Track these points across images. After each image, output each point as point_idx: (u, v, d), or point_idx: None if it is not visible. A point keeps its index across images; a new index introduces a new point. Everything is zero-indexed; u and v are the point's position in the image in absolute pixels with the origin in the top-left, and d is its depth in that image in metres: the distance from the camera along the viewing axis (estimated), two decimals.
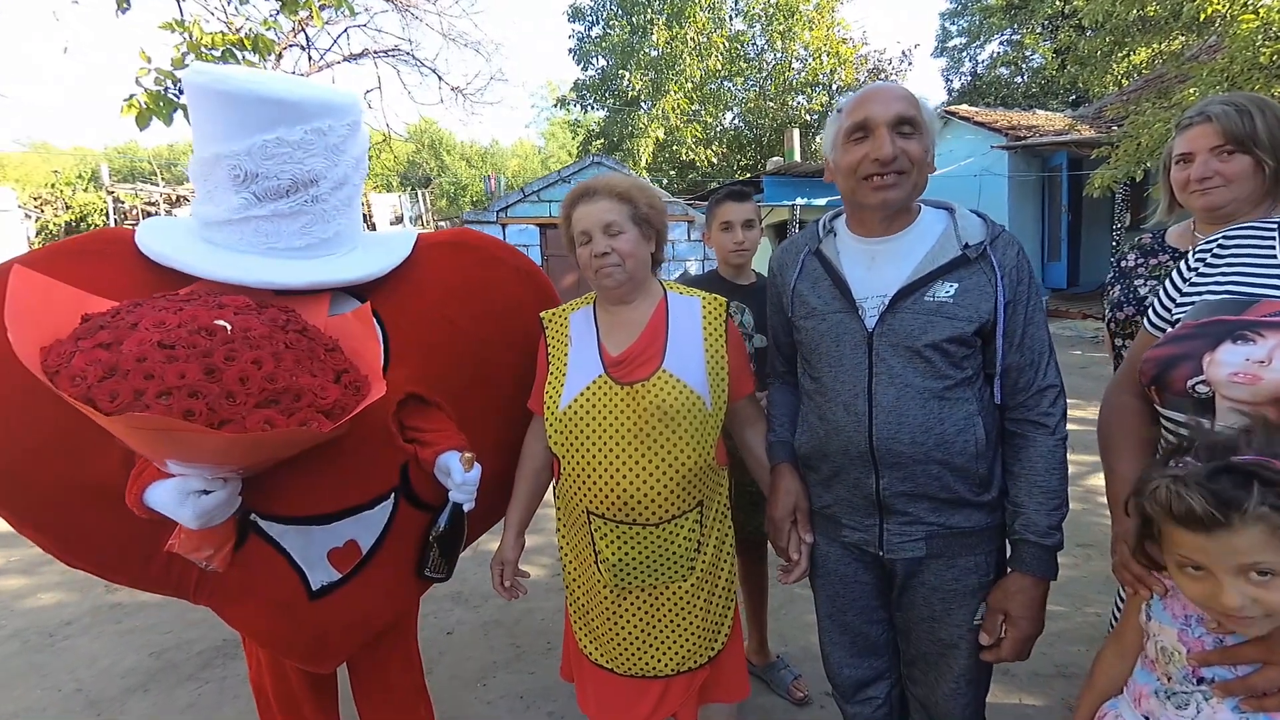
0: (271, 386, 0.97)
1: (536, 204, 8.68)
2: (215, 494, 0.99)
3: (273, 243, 1.17)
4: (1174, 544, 0.79)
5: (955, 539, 1.13)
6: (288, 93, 1.12)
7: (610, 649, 1.30)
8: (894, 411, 1.09)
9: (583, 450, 1.22)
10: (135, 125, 3.59)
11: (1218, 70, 4.67)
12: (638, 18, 16.74)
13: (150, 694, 2.11)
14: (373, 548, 1.24)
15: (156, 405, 0.88)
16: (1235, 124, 1.28)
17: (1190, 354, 0.89)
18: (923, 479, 1.10)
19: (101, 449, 1.06)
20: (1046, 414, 1.10)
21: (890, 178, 1.08)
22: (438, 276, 1.40)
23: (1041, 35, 17.62)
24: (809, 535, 1.27)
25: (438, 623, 2.46)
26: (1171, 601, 0.88)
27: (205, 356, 0.94)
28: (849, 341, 1.13)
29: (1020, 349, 1.09)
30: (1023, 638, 1.10)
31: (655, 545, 1.23)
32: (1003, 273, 1.09)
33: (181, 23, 4.06)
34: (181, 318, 0.98)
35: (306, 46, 7.35)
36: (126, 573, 1.21)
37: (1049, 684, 1.99)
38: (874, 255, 1.16)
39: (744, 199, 1.86)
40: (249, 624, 1.25)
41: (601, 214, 1.23)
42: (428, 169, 28.60)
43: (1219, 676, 0.82)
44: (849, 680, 1.31)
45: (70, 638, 2.46)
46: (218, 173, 1.13)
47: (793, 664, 2.08)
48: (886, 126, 1.06)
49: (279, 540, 1.15)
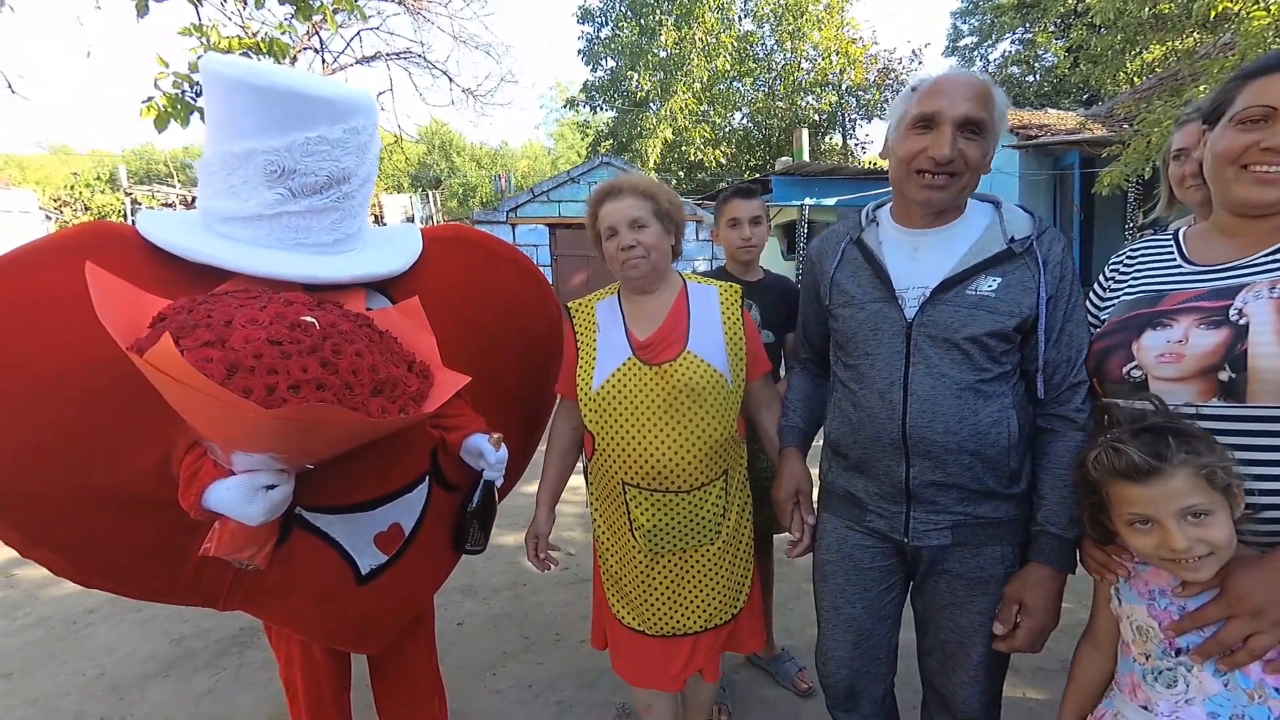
0: (376, 377, 1.01)
1: (546, 204, 8.74)
2: (282, 487, 1.01)
3: (302, 238, 1.18)
4: (1121, 502, 0.88)
5: (982, 528, 1.14)
6: (328, 91, 1.14)
7: (643, 611, 1.39)
8: (929, 401, 1.10)
9: (617, 426, 1.32)
10: (154, 128, 3.67)
11: (1229, 68, 4.64)
12: (647, 19, 16.76)
13: (170, 680, 2.17)
14: (414, 529, 1.30)
15: (292, 399, 0.91)
16: None
17: (1120, 344, 1.01)
18: (954, 469, 1.11)
19: (123, 454, 1.06)
20: (1078, 410, 1.10)
21: (942, 179, 1.08)
22: (444, 271, 1.44)
23: (1053, 34, 17.46)
24: (810, 516, 1.34)
25: (448, 614, 2.50)
26: (1135, 581, 0.94)
27: (314, 351, 0.96)
28: (887, 331, 1.14)
29: (1058, 345, 1.09)
30: (1037, 628, 1.10)
31: (686, 511, 1.33)
32: (1046, 268, 1.08)
33: (200, 27, 4.14)
34: (268, 314, 0.98)
35: (320, 50, 7.45)
36: (149, 585, 1.19)
37: (1053, 679, 1.99)
38: (917, 246, 1.17)
39: (751, 196, 1.89)
40: (293, 618, 1.27)
41: (627, 210, 1.33)
42: (438, 170, 28.78)
43: (1192, 644, 0.86)
44: (842, 684, 1.30)
45: (92, 625, 2.53)
46: (248, 167, 1.12)
47: (798, 657, 2.10)
48: (952, 125, 1.05)
49: (327, 530, 1.18)
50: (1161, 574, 0.91)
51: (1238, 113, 0.92)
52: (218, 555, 1.02)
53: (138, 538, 1.12)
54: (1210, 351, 0.90)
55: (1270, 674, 0.82)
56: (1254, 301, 0.89)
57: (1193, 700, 0.86)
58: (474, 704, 2.01)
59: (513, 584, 2.78)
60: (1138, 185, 7.21)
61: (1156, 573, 0.92)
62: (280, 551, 1.12)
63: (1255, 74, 0.91)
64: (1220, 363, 0.89)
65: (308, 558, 1.18)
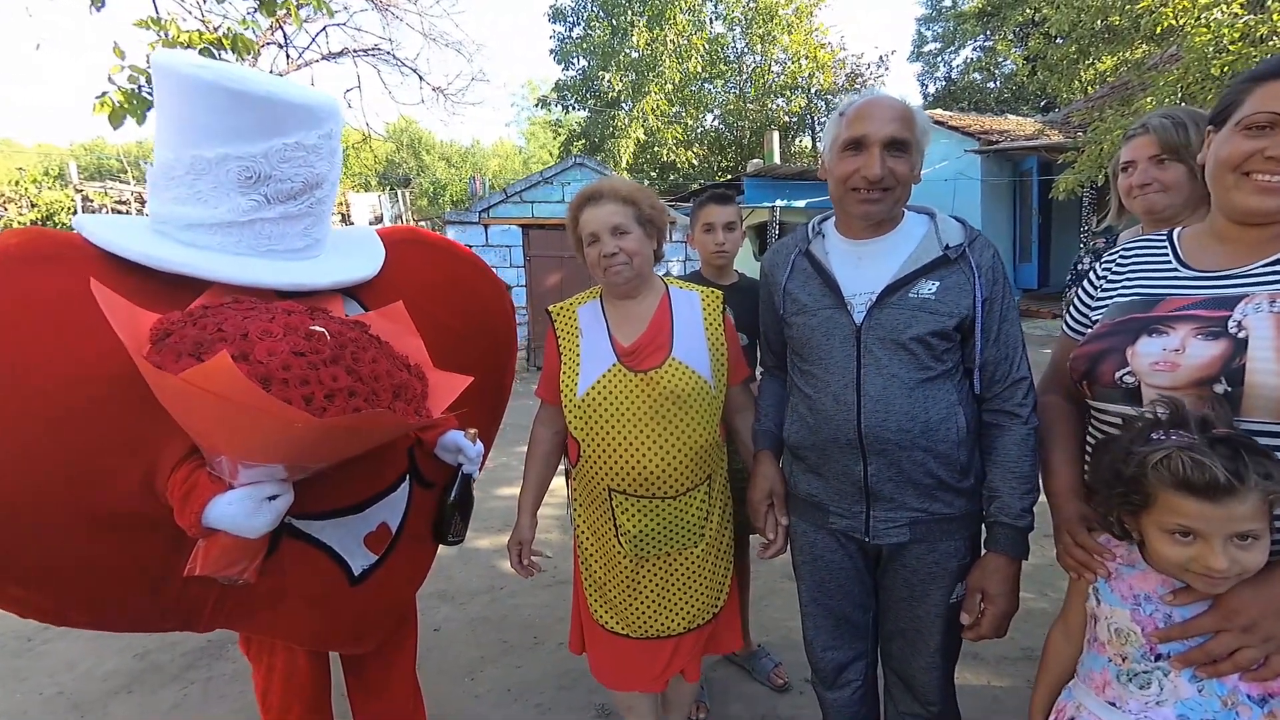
0: (392, 382, 1.03)
1: (519, 205, 8.66)
2: (285, 496, 1.00)
3: (274, 244, 1.16)
4: (1170, 511, 0.82)
5: (936, 524, 1.21)
6: (305, 98, 1.14)
7: (627, 615, 1.40)
8: (881, 400, 1.16)
9: (603, 433, 1.33)
10: (109, 124, 3.54)
11: (1173, 81, 4.89)
12: (619, 19, 16.76)
13: (134, 696, 2.10)
14: (399, 526, 1.32)
15: (331, 407, 0.92)
16: (1170, 135, 1.41)
17: (1114, 349, 0.98)
18: (908, 465, 1.17)
19: (112, 474, 1.01)
20: (1020, 405, 1.18)
21: (876, 194, 1.17)
22: (410, 273, 1.44)
23: (1013, 42, 18.05)
24: (784, 518, 1.38)
25: (425, 620, 2.47)
26: (1118, 583, 0.93)
27: (337, 361, 0.97)
28: (839, 335, 1.21)
29: (996, 344, 1.18)
30: (1000, 614, 1.16)
31: (672, 516, 1.36)
32: (980, 272, 1.17)
33: (157, 20, 4.00)
34: (279, 326, 0.97)
35: (284, 45, 7.26)
36: (129, 613, 1.14)
37: (1015, 666, 2.07)
38: (861, 255, 1.24)
39: (726, 202, 1.93)
40: (285, 627, 1.26)
41: (608, 216, 1.33)
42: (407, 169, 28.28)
43: (1174, 651, 0.86)
44: (830, 663, 1.37)
45: (50, 641, 2.43)
46: (219, 172, 1.09)
47: (773, 652, 2.15)
48: (880, 146, 1.14)
49: (318, 536, 1.19)
50: (1149, 578, 0.90)
51: (1244, 117, 0.88)
52: (204, 573, 0.99)
53: (124, 560, 1.08)
54: (1207, 364, 0.88)
55: (1246, 682, 0.82)
56: (1254, 315, 0.87)
57: (1164, 702, 0.86)
58: (453, 709, 2.00)
59: (489, 588, 2.77)
60: (1091, 190, 7.52)
61: (1144, 577, 0.90)
62: (269, 562, 1.11)
63: (1263, 78, 0.88)
64: (1216, 375, 0.87)
65: (300, 564, 1.18)
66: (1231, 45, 4.48)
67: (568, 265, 8.37)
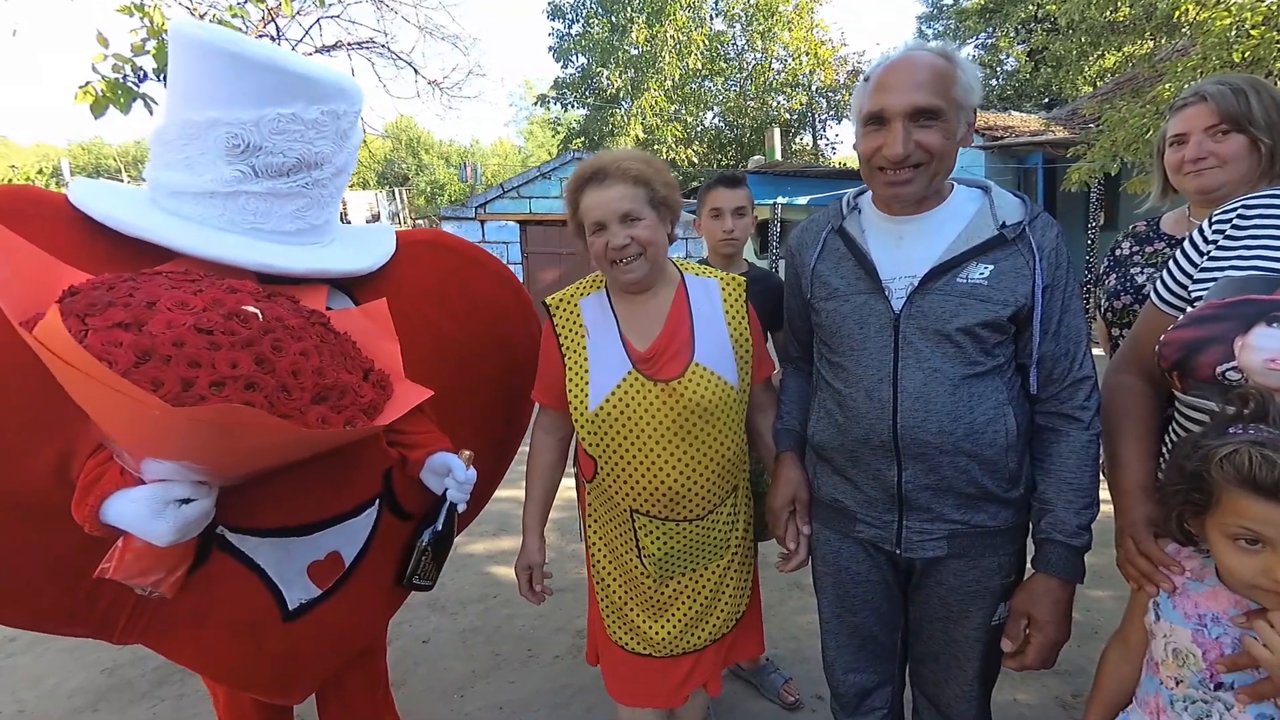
0: (321, 381, 0.90)
1: (516, 200, 8.54)
2: (199, 503, 0.88)
3: (260, 223, 1.07)
4: (1236, 514, 0.73)
5: (979, 538, 1.07)
6: (309, 69, 1.06)
7: (649, 636, 1.27)
8: (920, 398, 1.02)
9: (622, 450, 1.18)
10: (91, 114, 3.41)
11: (1192, 67, 4.77)
12: (618, 16, 16.66)
13: (100, 714, 1.97)
14: (355, 559, 1.15)
15: (212, 396, 0.79)
16: (1231, 103, 1.25)
17: (1219, 337, 0.82)
18: (949, 471, 1.03)
19: (24, 454, 0.91)
20: (1081, 407, 1.03)
21: (905, 173, 1.02)
22: (418, 276, 1.32)
23: (1015, 39, 17.95)
24: (806, 526, 1.24)
25: (413, 631, 2.35)
26: (1182, 599, 0.83)
27: (250, 345, 0.85)
28: (874, 324, 1.07)
29: (1056, 337, 1.03)
30: (1049, 643, 1.03)
31: (699, 536, 1.24)
32: (1041, 255, 1.01)
33: (141, 7, 3.88)
34: (204, 299, 0.86)
35: (277, 37, 7.13)
36: (31, 608, 1.01)
37: (1043, 681, 1.95)
38: (902, 234, 1.09)
39: (736, 185, 1.79)
40: (201, 656, 1.11)
41: (616, 201, 1.13)
42: (405, 168, 28.20)
43: (1240, 682, 0.76)
44: (853, 688, 1.25)
45: (12, 655, 2.29)
46: (208, 138, 1.01)
47: (783, 667, 2.02)
48: (902, 119, 0.98)
49: (252, 555, 1.04)
50: (1219, 597, 0.80)
51: None
52: (116, 578, 0.88)
53: (37, 552, 0.97)
54: None
55: None
56: None
57: None
58: None
59: (482, 596, 2.64)
60: (1100, 186, 7.41)
61: (1213, 594, 0.81)
62: (195, 576, 0.97)
63: None
64: None
65: (227, 585, 1.03)
66: (1254, 30, 4.34)
67: (566, 262, 8.26)
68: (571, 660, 2.16)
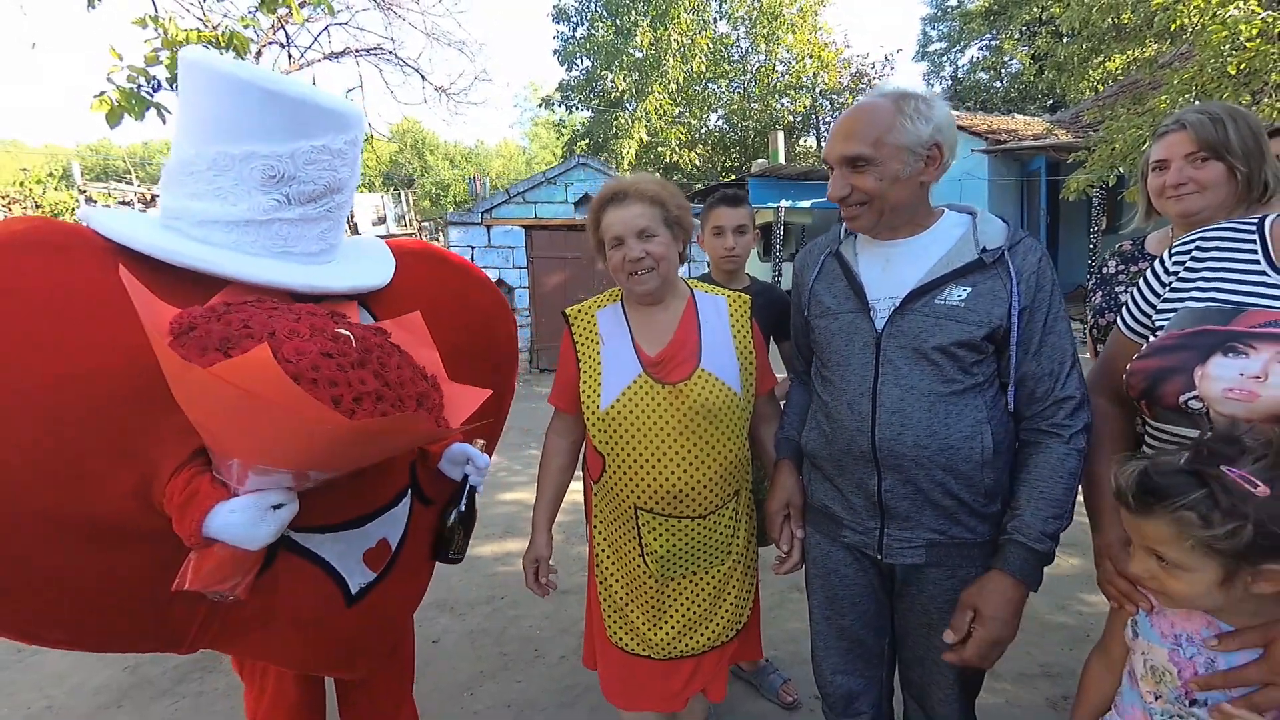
0: (415, 390, 1.01)
1: (522, 205, 8.61)
2: (289, 506, 0.96)
3: (289, 246, 1.14)
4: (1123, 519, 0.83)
5: (957, 549, 1.12)
6: (337, 104, 1.16)
7: (649, 638, 1.33)
8: (897, 413, 1.08)
9: (630, 448, 1.26)
10: (106, 122, 3.50)
11: (1188, 79, 4.80)
12: (622, 19, 16.72)
13: (124, 710, 2.05)
14: (399, 544, 1.27)
15: (359, 410, 0.89)
16: (1209, 132, 1.30)
17: (1179, 367, 0.86)
18: (925, 484, 1.09)
19: (100, 478, 0.95)
20: (1062, 424, 1.06)
21: (853, 209, 1.13)
22: (419, 287, 1.40)
23: (1020, 41, 17.94)
24: (800, 530, 1.31)
25: (424, 631, 2.42)
26: (1159, 619, 0.86)
27: (364, 364, 0.95)
28: (858, 341, 1.14)
29: (1037, 357, 1.07)
30: (991, 639, 1.03)
31: (700, 535, 1.29)
32: (1019, 278, 1.06)
33: (155, 18, 3.96)
34: (305, 326, 0.95)
35: (286, 44, 7.22)
36: (111, 631, 1.06)
37: (1034, 683, 2.00)
38: (889, 257, 1.16)
39: (737, 204, 1.85)
40: (275, 649, 1.18)
41: (634, 219, 1.24)
42: (410, 169, 28.32)
43: (1212, 700, 0.80)
44: (840, 690, 1.30)
45: (39, 653, 2.37)
46: (242, 170, 1.08)
47: (782, 668, 2.08)
48: (839, 165, 1.11)
49: (317, 551, 1.13)
50: (1193, 618, 0.83)
51: None
52: (194, 588, 0.92)
53: (109, 575, 1.01)
54: None
55: None
56: None
57: None
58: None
59: (489, 598, 2.71)
60: (1101, 191, 7.42)
61: (1187, 615, 0.83)
62: (261, 579, 1.04)
63: None
64: None
65: (295, 582, 1.11)
66: (1249, 43, 4.38)
67: (570, 266, 8.31)
68: (577, 661, 2.22)
